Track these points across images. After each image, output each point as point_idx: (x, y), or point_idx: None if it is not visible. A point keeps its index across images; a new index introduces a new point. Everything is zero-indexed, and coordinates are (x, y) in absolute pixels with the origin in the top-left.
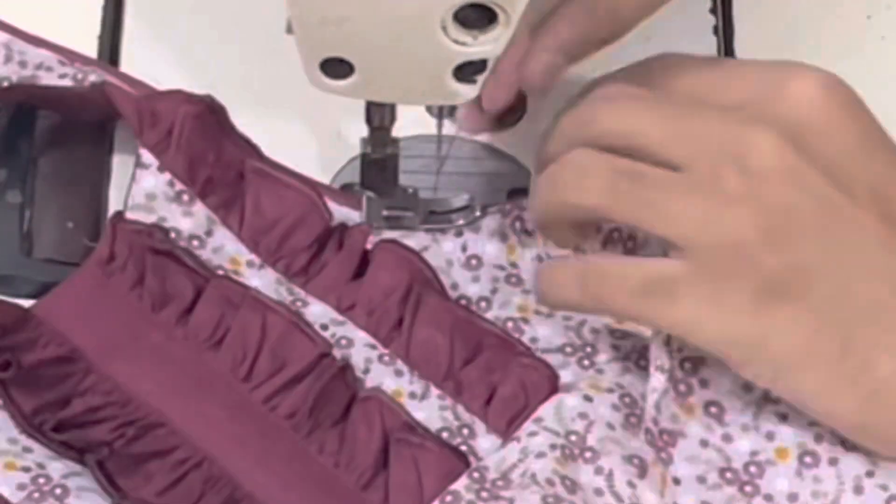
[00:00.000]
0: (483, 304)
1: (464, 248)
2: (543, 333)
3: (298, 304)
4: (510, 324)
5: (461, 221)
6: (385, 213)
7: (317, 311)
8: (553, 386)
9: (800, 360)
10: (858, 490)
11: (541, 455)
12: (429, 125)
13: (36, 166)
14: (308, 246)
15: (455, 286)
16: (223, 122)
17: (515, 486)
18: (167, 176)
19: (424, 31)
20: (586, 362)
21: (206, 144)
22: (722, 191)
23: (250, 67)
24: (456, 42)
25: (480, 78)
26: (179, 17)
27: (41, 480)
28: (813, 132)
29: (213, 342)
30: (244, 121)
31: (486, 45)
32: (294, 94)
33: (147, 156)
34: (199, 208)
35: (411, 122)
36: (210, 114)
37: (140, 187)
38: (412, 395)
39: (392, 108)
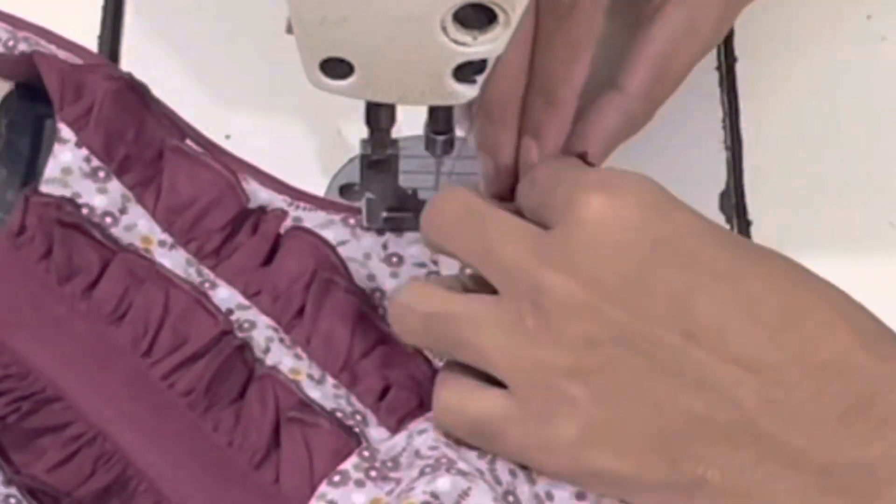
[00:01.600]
0: None
1: (384, 247)
2: None
3: (207, 285)
4: None
5: None
6: (385, 214)
7: (224, 296)
8: None
9: (633, 488)
10: None
11: (423, 432)
12: None
13: (36, 166)
14: (221, 227)
15: (372, 277)
16: (146, 99)
17: (403, 467)
18: (84, 152)
19: (424, 31)
20: None
21: (126, 122)
22: (524, 328)
23: (250, 67)
24: (456, 42)
25: (480, 78)
26: (179, 17)
27: None
28: (598, 258)
29: (116, 316)
30: (244, 121)
31: (486, 45)
32: (294, 94)
33: (66, 131)
34: (115, 186)
35: (411, 122)
36: (129, 91)
37: (57, 161)
38: (310, 377)
39: (392, 109)
